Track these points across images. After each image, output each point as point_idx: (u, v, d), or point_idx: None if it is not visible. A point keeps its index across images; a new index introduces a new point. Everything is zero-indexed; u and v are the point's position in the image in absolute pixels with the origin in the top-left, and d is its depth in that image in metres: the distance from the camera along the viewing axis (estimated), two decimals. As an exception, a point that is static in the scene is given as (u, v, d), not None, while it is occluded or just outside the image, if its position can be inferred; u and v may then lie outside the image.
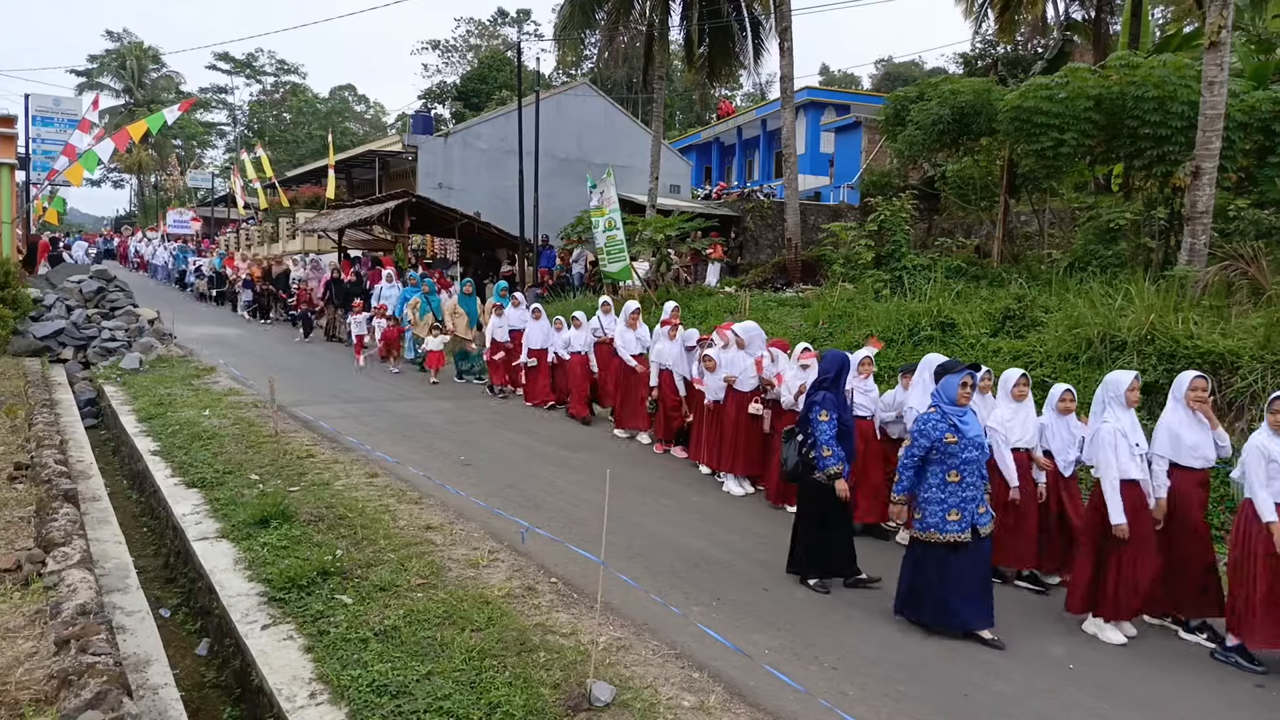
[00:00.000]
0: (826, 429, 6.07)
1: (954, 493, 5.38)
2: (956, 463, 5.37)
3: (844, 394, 6.38)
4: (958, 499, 5.37)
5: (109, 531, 6.89)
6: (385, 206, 21.64)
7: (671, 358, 10.17)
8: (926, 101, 15.53)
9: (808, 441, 6.23)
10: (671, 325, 10.28)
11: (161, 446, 9.43)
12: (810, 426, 6.21)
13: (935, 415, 5.44)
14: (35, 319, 16.06)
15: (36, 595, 4.83)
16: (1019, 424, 6.41)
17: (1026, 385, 6.53)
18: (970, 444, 5.39)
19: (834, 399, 6.17)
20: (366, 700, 4.27)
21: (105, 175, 71.67)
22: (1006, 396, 6.52)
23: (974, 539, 5.40)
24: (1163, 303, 9.65)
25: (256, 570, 5.93)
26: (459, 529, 6.96)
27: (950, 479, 5.38)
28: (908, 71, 52.41)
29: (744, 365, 8.78)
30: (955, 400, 5.42)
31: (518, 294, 14.14)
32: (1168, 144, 11.71)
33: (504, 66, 54.85)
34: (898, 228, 15.06)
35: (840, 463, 6.06)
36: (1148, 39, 19.14)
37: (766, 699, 4.53)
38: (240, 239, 38.33)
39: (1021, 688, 4.88)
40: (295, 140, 69.19)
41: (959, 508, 5.37)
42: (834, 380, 6.25)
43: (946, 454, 5.38)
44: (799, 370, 8.23)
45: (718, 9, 22.80)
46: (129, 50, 67.21)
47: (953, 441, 5.35)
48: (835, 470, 6.04)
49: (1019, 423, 6.41)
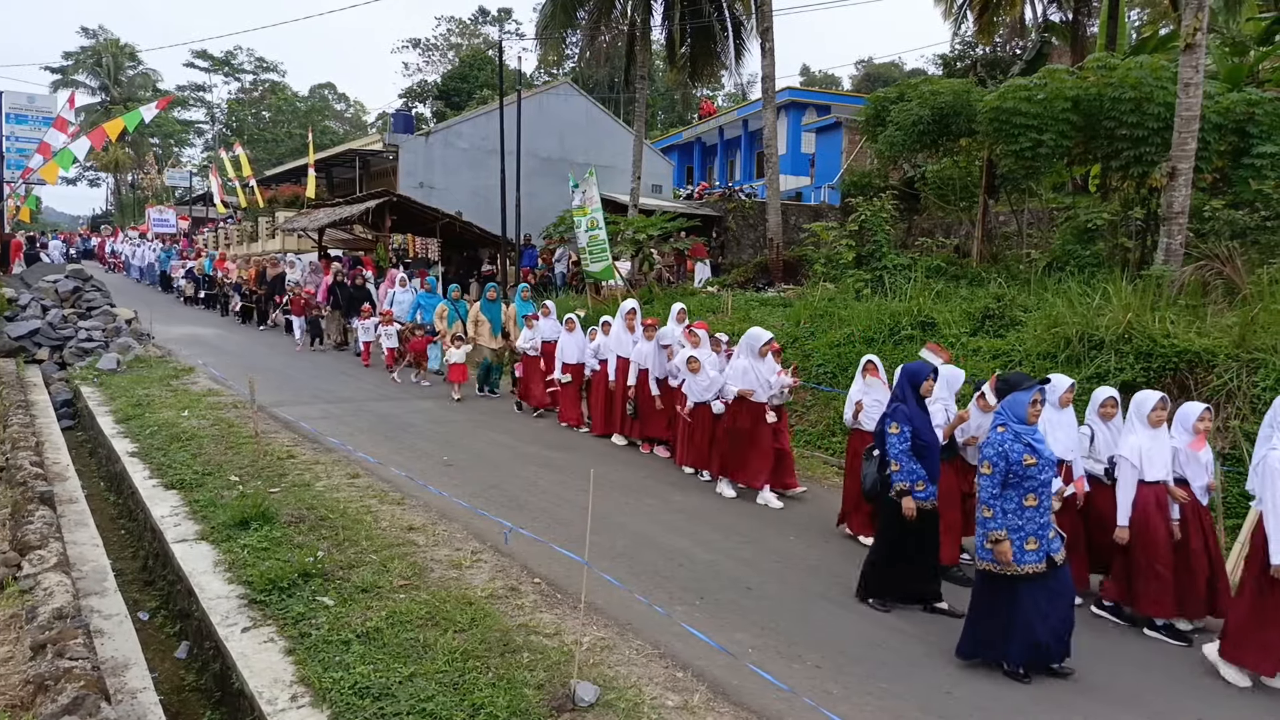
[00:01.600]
0: (896, 442, 5.77)
1: (1031, 519, 4.96)
2: (1034, 485, 4.96)
3: (922, 409, 5.99)
4: (1035, 525, 4.96)
5: (86, 534, 6.82)
6: (366, 206, 21.52)
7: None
8: (906, 102, 15.60)
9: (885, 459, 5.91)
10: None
11: (139, 448, 9.34)
12: (884, 441, 5.92)
13: (1008, 435, 5.01)
14: (10, 319, 15.87)
15: (12, 599, 4.78)
16: (1159, 453, 5.81)
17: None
18: (1046, 464, 4.99)
19: (907, 412, 5.83)
20: (349, 703, 4.25)
21: (81, 174, 70.92)
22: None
23: (1050, 567, 4.99)
24: (1140, 302, 9.74)
25: (237, 572, 5.88)
26: (441, 530, 6.94)
27: (1027, 503, 4.97)
28: (888, 72, 52.70)
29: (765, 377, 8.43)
30: (1025, 419, 5.03)
31: (548, 303, 12.91)
32: (1144, 145, 11.82)
33: (485, 65, 54.74)
34: (878, 228, 15.13)
35: (910, 480, 5.73)
36: (1125, 41, 19.33)
37: (750, 698, 4.54)
38: (219, 238, 37.99)
39: (1001, 683, 4.92)
40: (274, 139, 68.65)
41: (1036, 535, 4.95)
42: (907, 391, 5.92)
43: (1024, 476, 4.96)
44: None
45: (699, 9, 22.83)
46: (105, 47, 66.42)
47: (1031, 463, 4.93)
48: (902, 487, 5.73)
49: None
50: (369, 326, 15.95)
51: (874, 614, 5.82)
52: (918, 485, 5.74)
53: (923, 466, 5.78)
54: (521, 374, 12.56)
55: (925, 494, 5.79)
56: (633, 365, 10.30)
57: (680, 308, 10.60)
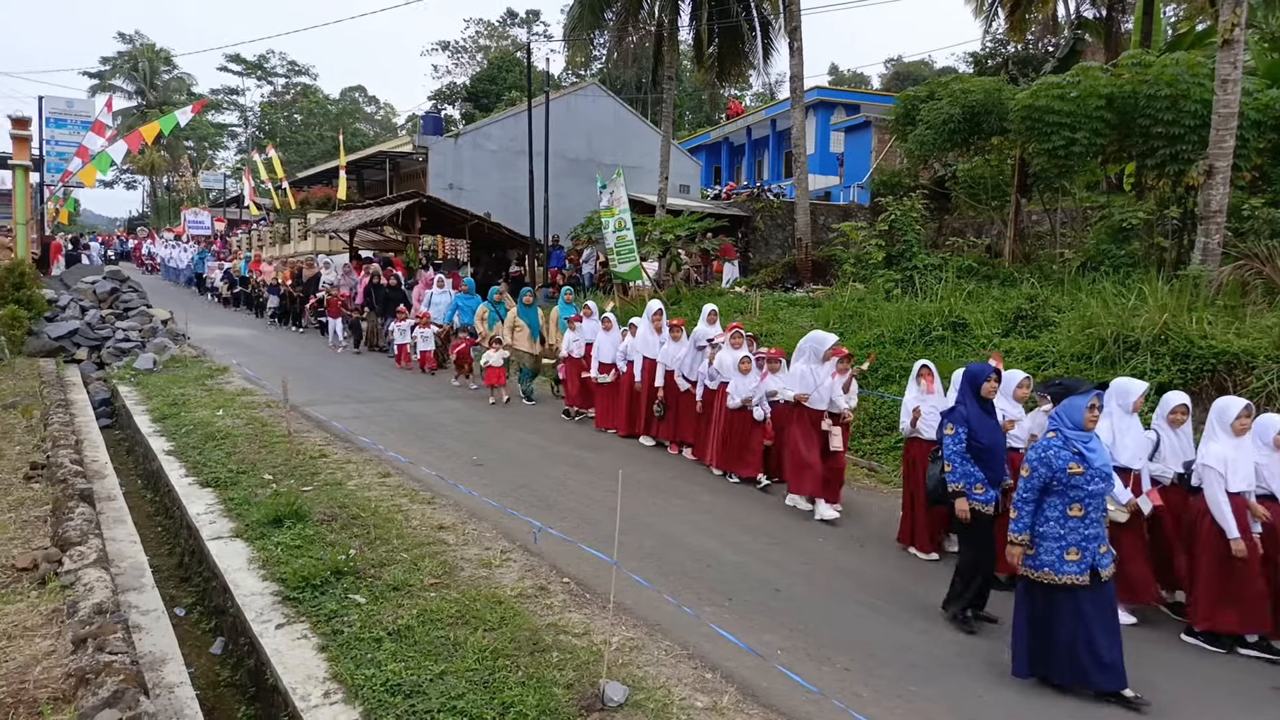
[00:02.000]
0: (950, 443, 5.63)
1: (1074, 529, 4.77)
2: (1080, 495, 4.77)
3: (984, 411, 5.78)
4: (1078, 536, 4.76)
5: (124, 531, 6.94)
6: (396, 207, 21.73)
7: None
8: (937, 101, 15.48)
9: None
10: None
11: (175, 446, 9.49)
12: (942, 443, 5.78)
13: (1057, 441, 4.84)
14: (50, 319, 16.20)
15: (53, 594, 4.88)
16: (1243, 463, 5.59)
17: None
18: (1096, 474, 4.78)
19: (965, 414, 5.67)
20: (380, 700, 4.29)
21: (118, 177, 72.26)
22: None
23: (1094, 582, 4.78)
24: (1176, 302, 9.60)
25: (270, 570, 5.96)
26: (471, 529, 6.98)
27: (1072, 513, 4.78)
28: (918, 71, 52.30)
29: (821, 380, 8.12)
30: (1081, 425, 4.83)
31: (590, 304, 12.70)
32: (1181, 143, 11.65)
33: (513, 67, 55.01)
34: (908, 227, 15.03)
35: (965, 482, 5.56)
36: (1160, 37, 19.05)
37: (780, 699, 4.53)
38: (252, 240, 38.50)
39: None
40: (306, 141, 69.52)
41: (1079, 546, 4.75)
42: (968, 393, 5.76)
43: (1069, 485, 4.77)
44: None
45: (727, 9, 22.79)
46: (141, 52, 67.68)
47: (1077, 472, 4.74)
48: (955, 488, 5.57)
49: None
50: (405, 328, 15.83)
51: (903, 615, 5.77)
52: (975, 488, 5.56)
53: (982, 469, 5.59)
54: (565, 376, 12.38)
55: (986, 497, 5.57)
56: (660, 366, 10.27)
57: (711, 309, 10.54)
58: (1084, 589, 4.77)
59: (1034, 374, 9.30)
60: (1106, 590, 4.85)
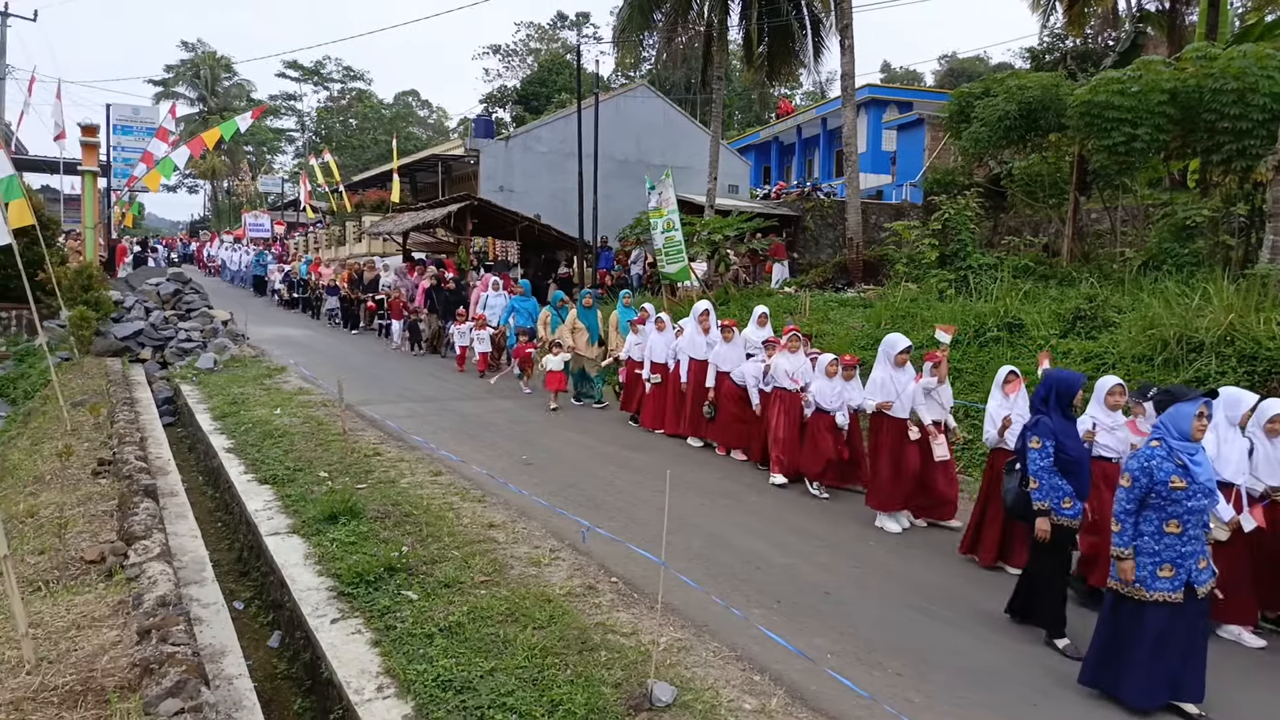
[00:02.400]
0: (1036, 458, 5.37)
1: (1171, 545, 4.54)
2: (1180, 510, 4.52)
3: (1069, 421, 5.53)
4: (1174, 553, 4.53)
5: (186, 526, 7.13)
6: (448, 209, 21.98)
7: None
8: (992, 97, 15.20)
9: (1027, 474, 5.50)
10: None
11: (235, 444, 9.73)
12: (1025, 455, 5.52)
13: (1161, 451, 4.57)
14: (116, 320, 16.72)
15: (119, 586, 5.03)
16: None
17: None
18: (1199, 490, 4.52)
19: (1051, 425, 5.40)
20: (432, 695, 4.35)
21: (180, 181, 74.32)
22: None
23: (1188, 599, 4.56)
24: (1243, 303, 9.29)
25: (326, 565, 6.08)
26: (521, 527, 7.04)
27: (1169, 529, 4.54)
28: (972, 67, 51.36)
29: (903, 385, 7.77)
30: (1188, 435, 4.57)
31: (647, 305, 12.48)
32: (1248, 137, 11.28)
33: (563, 69, 55.33)
34: (963, 226, 14.78)
35: (1053, 498, 5.31)
36: (1226, 29, 18.47)
37: (829, 704, 4.49)
38: (309, 242, 39.26)
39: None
40: (361, 145, 70.75)
41: (1174, 563, 4.53)
42: (1053, 403, 5.48)
43: (1168, 499, 4.52)
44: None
45: (777, 8, 22.64)
46: (203, 59, 69.56)
47: (1180, 486, 4.48)
48: (1041, 506, 5.32)
49: None
50: (464, 331, 15.79)
51: (956, 621, 5.68)
52: (1064, 503, 5.34)
53: (1070, 483, 5.36)
54: (625, 380, 12.20)
55: (1073, 511, 5.38)
56: (711, 368, 10.22)
57: (762, 311, 10.49)
58: (1174, 606, 4.55)
59: (1092, 376, 9.08)
60: (1200, 607, 4.62)
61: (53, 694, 3.74)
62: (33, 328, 15.63)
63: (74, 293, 15.61)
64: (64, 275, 15.51)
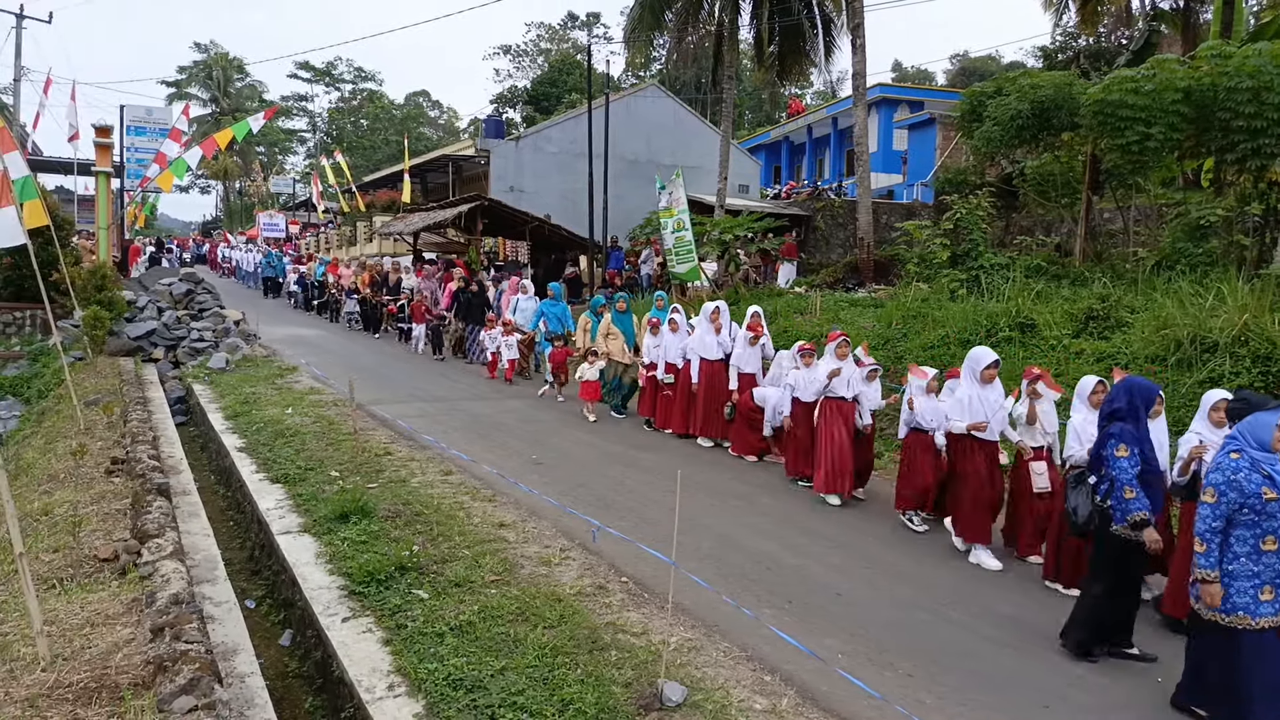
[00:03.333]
0: (1127, 466, 4.97)
1: (1270, 565, 4.24)
2: (1275, 526, 4.23)
3: (1146, 430, 5.21)
4: (1273, 573, 4.24)
5: (198, 524, 7.16)
6: (459, 210, 22.05)
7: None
8: (1004, 96, 15.13)
9: (1102, 485, 5.15)
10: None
11: (246, 443, 9.78)
12: (1105, 466, 5.12)
13: (1244, 463, 4.28)
14: (129, 320, 16.82)
15: (133, 584, 5.06)
16: None
17: None
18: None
19: (1134, 433, 5.06)
20: (443, 693, 4.36)
21: (193, 182, 74.80)
22: None
23: None
24: (1258, 303, 9.24)
25: (337, 564, 6.10)
26: (531, 527, 7.05)
27: (1266, 547, 4.24)
28: (984, 66, 51.23)
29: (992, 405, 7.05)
30: (1269, 445, 4.30)
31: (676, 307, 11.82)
32: (1263, 136, 11.19)
33: (574, 70, 55.41)
34: (974, 226, 14.73)
35: (1146, 510, 4.97)
36: (1241, 27, 18.33)
37: (840, 704, 4.48)
38: (320, 242, 39.40)
39: (1104, 699, 4.73)
40: (372, 145, 71.03)
41: (1273, 583, 4.23)
42: (1135, 409, 5.15)
43: (1263, 514, 4.20)
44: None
45: (788, 7, 22.60)
46: (215, 60, 70.00)
47: (1273, 498, 4.20)
48: (1140, 517, 4.95)
49: None
50: (495, 336, 14.94)
51: (968, 623, 5.66)
52: None
53: (1145, 494, 5.02)
54: (644, 384, 11.73)
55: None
56: (733, 369, 10.09)
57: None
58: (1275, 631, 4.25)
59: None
60: None
61: (68, 691, 3.76)
62: (47, 327, 15.75)
63: (87, 293, 15.71)
64: (78, 275, 15.61)
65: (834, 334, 8.82)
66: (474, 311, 16.67)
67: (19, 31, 29.11)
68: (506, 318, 15.20)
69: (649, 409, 11.57)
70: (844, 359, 8.53)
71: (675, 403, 11.07)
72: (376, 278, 21.79)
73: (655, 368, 11.28)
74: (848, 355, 8.61)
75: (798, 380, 8.94)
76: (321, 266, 26.72)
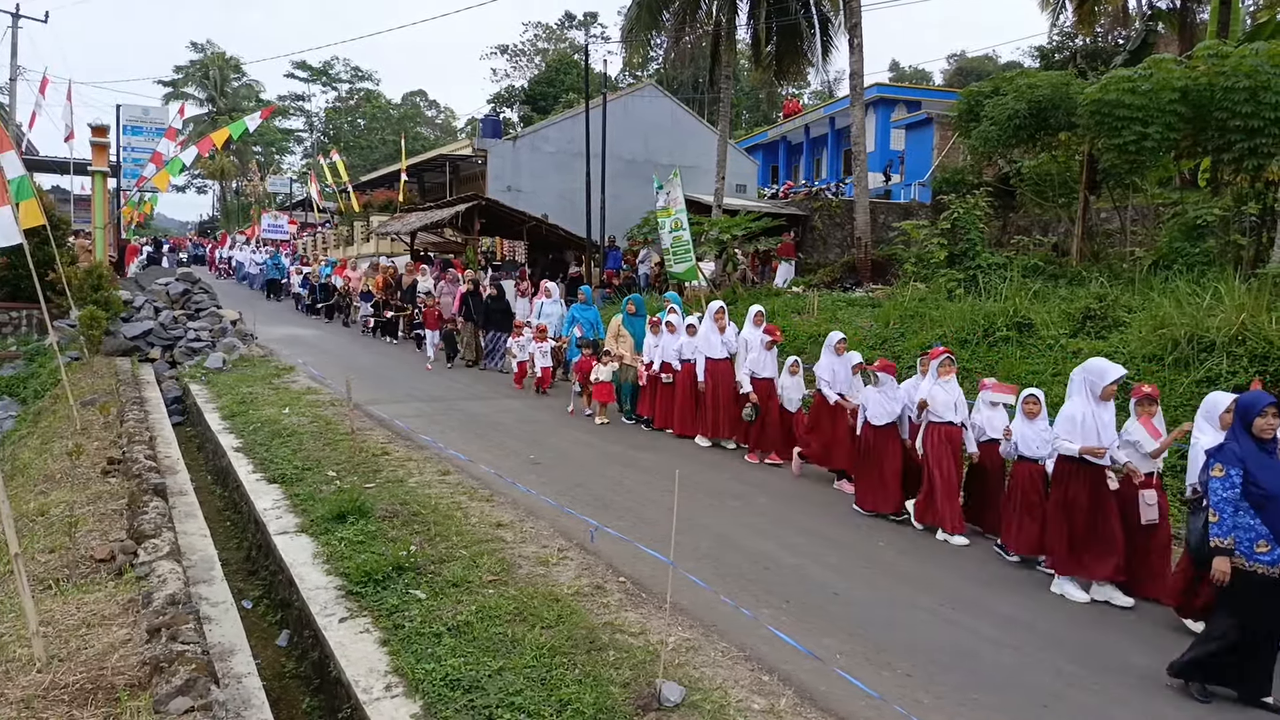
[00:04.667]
0: (1218, 488, 4.70)
1: None
2: None
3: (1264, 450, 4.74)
4: None
5: (195, 525, 7.15)
6: (456, 209, 22.03)
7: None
8: (1002, 96, 15.16)
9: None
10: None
11: (243, 443, 9.76)
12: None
13: None
14: (125, 320, 16.79)
15: (129, 585, 5.05)
16: None
17: None
18: None
19: (1237, 451, 4.70)
20: (440, 694, 4.35)
21: (189, 182, 74.68)
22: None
23: None
24: (1254, 302, 9.26)
25: (334, 564, 6.08)
26: (529, 527, 7.03)
27: None
28: (981, 66, 51.29)
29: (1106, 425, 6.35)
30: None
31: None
32: (1260, 136, 11.22)
33: (571, 69, 55.37)
34: (972, 225, 14.75)
35: (1236, 536, 4.63)
36: (1238, 27, 18.35)
37: (838, 704, 4.47)
38: (316, 242, 39.33)
39: (1102, 698, 4.73)
40: (369, 145, 71.00)
41: None
42: (1237, 425, 4.82)
43: None
44: None
45: (786, 7, 22.61)
46: (212, 60, 69.94)
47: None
48: (1219, 543, 4.63)
49: None
50: (524, 344, 13.98)
51: (966, 622, 5.65)
52: (1258, 547, 4.59)
53: (1264, 521, 4.58)
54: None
55: (1270, 557, 4.57)
56: (745, 372, 9.97)
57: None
58: None
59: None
60: None
61: (64, 692, 3.75)
62: (43, 327, 15.73)
63: (84, 292, 15.69)
64: (74, 275, 15.61)
65: (936, 350, 7.92)
66: (495, 316, 15.90)
67: (15, 31, 29.06)
68: (539, 323, 14.13)
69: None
70: (948, 376, 7.61)
71: (675, 402, 11.05)
72: (390, 280, 20.32)
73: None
74: (952, 374, 7.65)
75: (869, 400, 8.10)
76: (328, 268, 25.51)
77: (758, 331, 10.15)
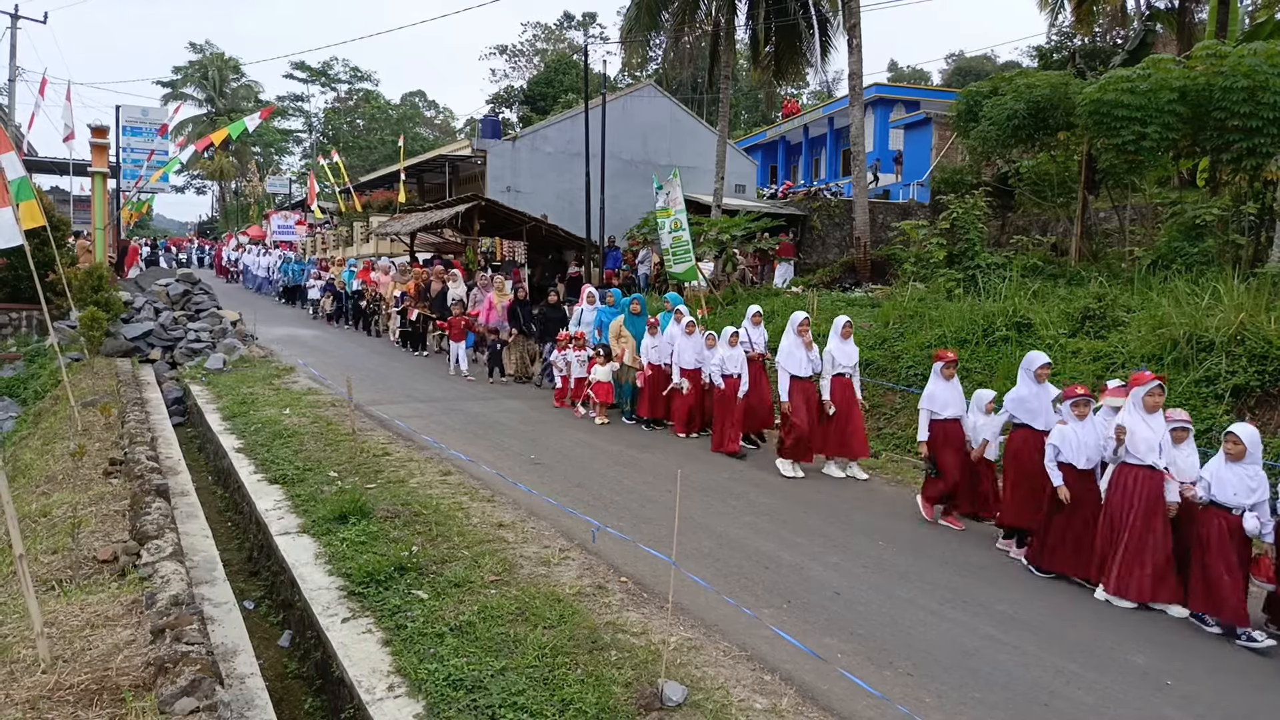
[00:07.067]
0: None
1: None
2: None
3: None
4: None
5: (197, 525, 7.15)
6: (455, 210, 22.01)
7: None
8: (1000, 96, 15.18)
9: None
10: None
11: (245, 444, 9.77)
12: None
13: None
14: (126, 321, 16.80)
15: (132, 586, 5.05)
16: None
17: None
18: None
19: None
20: (443, 694, 4.36)
21: (189, 182, 74.63)
22: None
23: None
24: (1253, 302, 9.28)
25: (336, 565, 6.09)
26: (530, 527, 7.05)
27: None
28: (980, 66, 51.32)
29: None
30: None
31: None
32: (1258, 136, 11.24)
33: (570, 70, 55.36)
34: (971, 225, 14.77)
35: None
36: (1236, 27, 18.39)
37: (840, 703, 4.49)
38: (316, 243, 39.28)
39: (1102, 697, 4.75)
40: (368, 146, 70.93)
41: None
42: None
43: None
44: None
45: (785, 7, 22.63)
46: (211, 61, 69.91)
47: None
48: None
49: None
50: (570, 357, 12.49)
51: (966, 621, 5.67)
52: None
53: None
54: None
55: None
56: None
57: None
58: None
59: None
60: None
61: (68, 693, 3.76)
62: (43, 328, 15.74)
63: (84, 293, 15.70)
64: (74, 276, 15.61)
65: (1140, 375, 6.44)
66: (553, 327, 14.20)
67: (14, 31, 29.03)
68: (577, 331, 12.93)
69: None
70: (1155, 410, 6.19)
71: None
72: (420, 286, 18.30)
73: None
74: (1159, 406, 6.22)
75: (1065, 438, 6.51)
76: (350, 273, 22.98)
77: (758, 331, 10.13)
